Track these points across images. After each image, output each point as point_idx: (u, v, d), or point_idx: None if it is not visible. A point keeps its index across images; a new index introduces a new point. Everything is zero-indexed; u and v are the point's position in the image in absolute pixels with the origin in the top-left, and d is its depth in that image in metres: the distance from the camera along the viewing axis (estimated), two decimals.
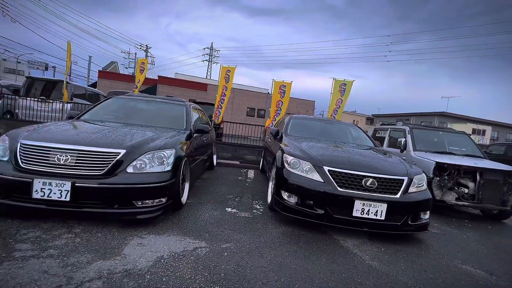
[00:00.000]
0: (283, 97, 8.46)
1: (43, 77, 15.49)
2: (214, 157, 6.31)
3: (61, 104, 7.96)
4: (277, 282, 1.98)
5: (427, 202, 3.12)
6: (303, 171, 3.18)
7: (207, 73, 48.32)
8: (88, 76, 29.86)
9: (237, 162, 7.55)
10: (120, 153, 2.61)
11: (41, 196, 2.38)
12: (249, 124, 8.91)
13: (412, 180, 3.12)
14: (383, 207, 2.88)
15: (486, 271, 2.61)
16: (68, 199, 2.39)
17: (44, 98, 8.12)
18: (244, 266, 2.15)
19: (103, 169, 2.52)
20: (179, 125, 3.97)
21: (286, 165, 3.32)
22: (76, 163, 2.49)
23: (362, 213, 2.88)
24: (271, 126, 7.14)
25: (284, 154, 3.47)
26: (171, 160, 2.85)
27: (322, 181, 3.03)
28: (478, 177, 4.35)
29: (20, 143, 2.56)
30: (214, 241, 2.52)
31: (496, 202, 4.33)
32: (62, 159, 2.47)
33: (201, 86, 21.35)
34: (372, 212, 2.88)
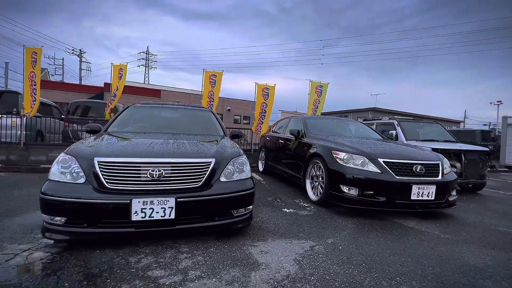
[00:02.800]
0: (267, 99, 8.68)
1: None
2: None
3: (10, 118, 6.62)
4: (405, 262, 2.19)
5: (456, 181, 3.70)
6: (356, 164, 3.45)
7: (144, 78, 45.71)
8: (6, 85, 25.52)
9: None
10: (211, 162, 2.49)
11: (141, 217, 2.13)
12: (242, 128, 8.92)
13: (443, 164, 3.66)
14: (433, 188, 3.33)
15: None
16: (172, 216, 2.19)
17: None
18: (365, 254, 2.29)
19: (200, 180, 2.37)
20: (216, 132, 3.87)
21: (338, 160, 3.55)
22: (171, 177, 2.29)
23: (418, 195, 3.28)
24: (272, 128, 7.27)
25: (333, 151, 3.69)
26: (248, 166, 2.81)
27: (380, 171, 3.35)
28: (463, 158, 5.25)
29: (98, 162, 2.24)
30: (316, 239, 2.60)
31: (476, 177, 5.30)
32: (156, 174, 2.24)
33: (154, 92, 20.18)
34: (425, 194, 3.31)
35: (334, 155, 3.66)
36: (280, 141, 5.70)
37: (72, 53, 28.15)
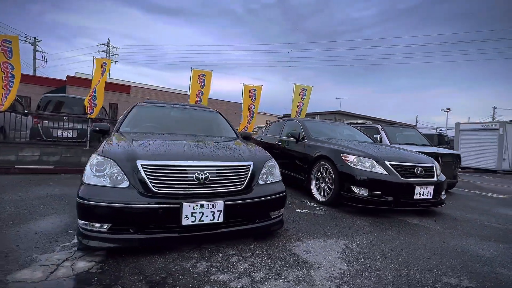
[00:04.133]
0: (254, 100, 8.77)
1: None
2: None
3: None
4: (432, 256, 2.44)
5: (446, 182, 4.14)
6: (365, 167, 3.71)
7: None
8: None
9: None
10: (250, 165, 2.53)
11: (191, 221, 2.11)
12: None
13: (436, 166, 4.08)
14: (431, 188, 3.71)
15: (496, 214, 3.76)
16: (221, 220, 2.20)
17: None
18: (394, 249, 2.51)
19: (242, 184, 2.40)
20: (228, 133, 3.88)
21: (348, 163, 3.78)
22: (216, 180, 2.29)
23: (419, 195, 3.63)
24: (263, 129, 7.33)
25: (342, 154, 3.91)
26: (278, 169, 2.88)
27: (387, 173, 3.63)
28: (440, 160, 5.86)
29: (142, 165, 2.15)
30: (345, 237, 2.77)
31: (451, 177, 5.94)
32: (202, 177, 2.23)
33: (123, 88, 19.10)
34: (425, 193, 3.67)
35: (343, 157, 3.88)
36: (278, 143, 5.82)
37: (25, 41, 25.39)
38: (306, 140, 4.92)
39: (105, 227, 2.03)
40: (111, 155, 2.24)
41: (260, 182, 2.55)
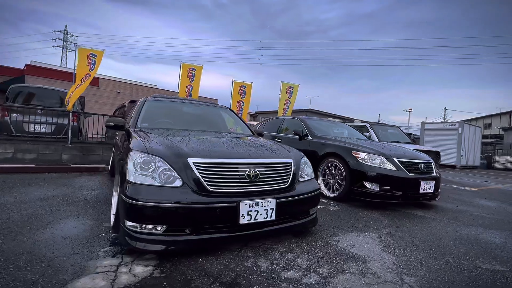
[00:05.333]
0: (243, 97, 8.73)
1: None
2: None
3: None
4: (456, 244, 2.67)
5: (440, 177, 4.52)
6: (376, 163, 3.92)
7: (61, 61, 39.65)
8: None
9: None
10: (291, 162, 2.54)
11: (247, 220, 2.08)
12: None
13: (433, 163, 4.43)
14: (433, 183, 4.03)
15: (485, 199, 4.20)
16: (273, 217, 2.20)
17: None
18: (422, 240, 2.70)
19: (287, 181, 2.41)
20: (244, 130, 3.84)
21: (360, 160, 3.96)
22: (265, 177, 2.27)
23: (424, 189, 3.92)
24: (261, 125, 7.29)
25: (353, 151, 4.08)
26: (311, 167, 2.92)
27: (396, 169, 3.87)
28: None
29: (195, 163, 2.07)
30: (374, 230, 2.91)
31: None
32: (253, 175, 2.20)
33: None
34: (428, 188, 3.97)
35: (354, 154, 4.04)
36: (278, 140, 5.86)
37: None
38: (310, 138, 5.04)
39: (158, 228, 1.92)
40: (156, 152, 2.12)
41: (300, 179, 2.58)
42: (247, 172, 2.18)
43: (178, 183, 2.00)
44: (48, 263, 1.80)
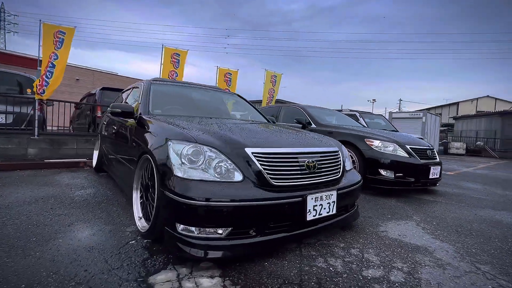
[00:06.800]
0: (229, 85, 8.33)
1: None
2: None
3: None
4: (481, 226, 2.73)
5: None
6: (389, 150, 3.92)
7: None
8: None
9: None
10: (339, 151, 2.36)
11: (313, 216, 1.86)
12: None
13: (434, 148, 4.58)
14: (439, 168, 4.17)
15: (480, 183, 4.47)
16: (334, 211, 2.01)
17: None
18: (453, 224, 2.72)
19: (339, 171, 2.23)
20: (259, 117, 3.58)
21: (374, 148, 3.93)
22: (321, 168, 2.06)
23: (432, 175, 4.03)
24: None
25: (366, 139, 4.03)
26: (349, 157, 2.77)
27: (408, 156, 3.91)
28: None
29: (254, 153, 1.78)
30: (405, 218, 2.88)
31: None
32: (311, 165, 1.98)
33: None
34: (435, 173, 4.09)
35: (367, 142, 4.00)
36: None
37: None
38: (314, 126, 4.91)
39: (219, 232, 1.62)
40: (207, 142, 1.79)
41: (347, 168, 2.42)
42: (306, 162, 1.95)
43: (238, 177, 1.71)
44: (87, 285, 1.41)
